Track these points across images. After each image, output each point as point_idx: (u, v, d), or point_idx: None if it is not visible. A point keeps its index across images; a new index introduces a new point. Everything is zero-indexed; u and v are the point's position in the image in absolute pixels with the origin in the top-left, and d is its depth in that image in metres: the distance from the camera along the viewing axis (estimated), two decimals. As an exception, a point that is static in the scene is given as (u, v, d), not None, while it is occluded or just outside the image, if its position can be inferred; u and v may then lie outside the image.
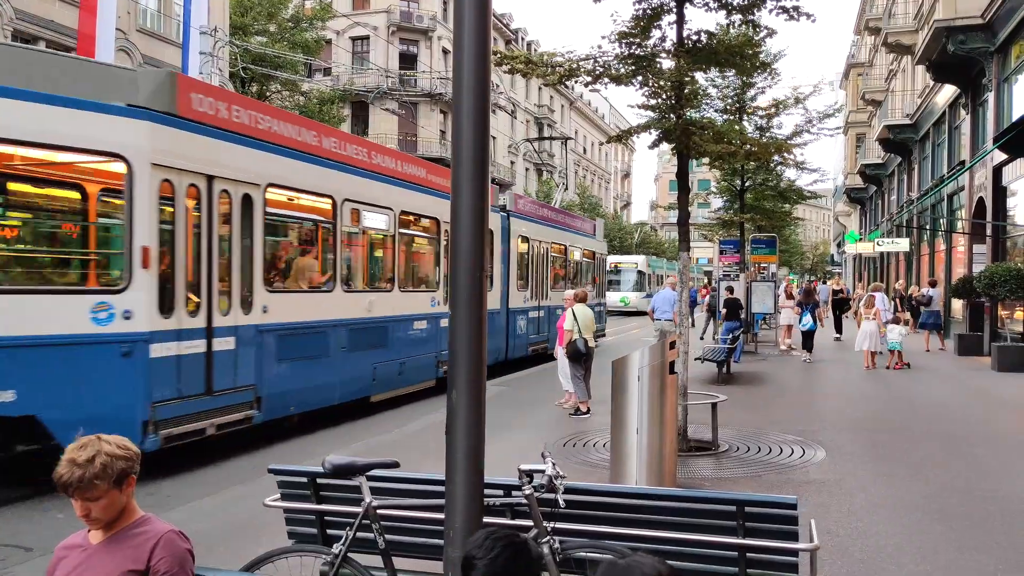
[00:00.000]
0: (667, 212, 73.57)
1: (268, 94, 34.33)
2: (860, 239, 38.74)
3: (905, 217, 29.44)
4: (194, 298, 7.47)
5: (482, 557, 1.77)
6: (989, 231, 18.38)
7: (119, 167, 6.85)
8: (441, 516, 2.72)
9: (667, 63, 7.65)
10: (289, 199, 9.22)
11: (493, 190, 15.94)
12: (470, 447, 2.70)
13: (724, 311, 16.30)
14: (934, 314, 19.06)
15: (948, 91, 22.49)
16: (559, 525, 3.00)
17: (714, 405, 7.98)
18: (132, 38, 22.26)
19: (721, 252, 22.05)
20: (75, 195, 7.45)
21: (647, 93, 7.81)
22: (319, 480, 3.36)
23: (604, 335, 22.87)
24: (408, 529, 3.20)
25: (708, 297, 22.61)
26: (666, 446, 6.17)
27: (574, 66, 7.32)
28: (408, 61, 43.11)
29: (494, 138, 49.34)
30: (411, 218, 11.94)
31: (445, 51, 43.47)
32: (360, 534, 2.99)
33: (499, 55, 7.55)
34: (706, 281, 45.45)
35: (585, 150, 66.97)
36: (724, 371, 13.77)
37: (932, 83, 23.54)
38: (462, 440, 2.70)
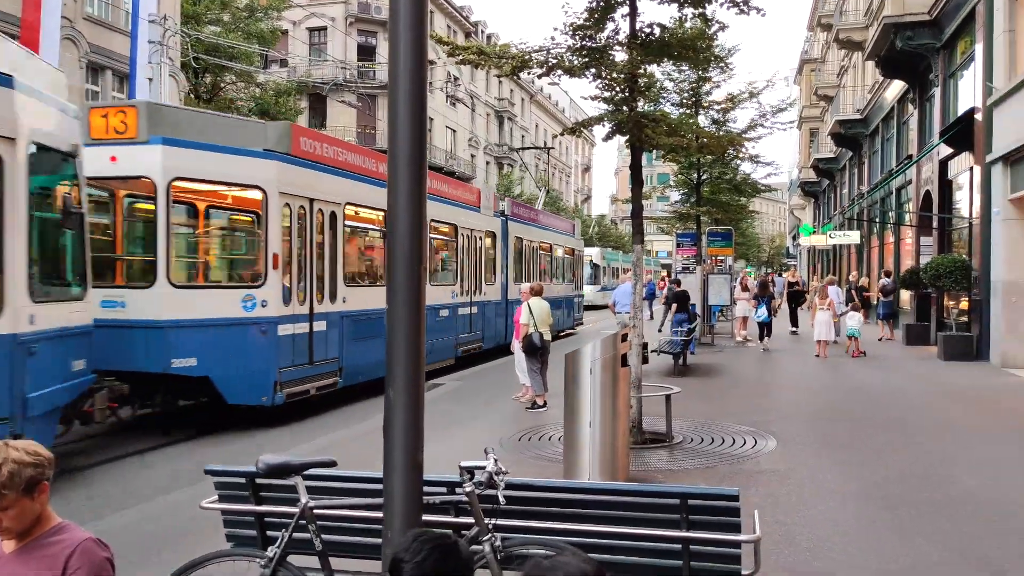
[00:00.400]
0: (626, 205, 74.06)
1: (223, 86, 33.63)
2: (814, 232, 39.51)
3: (856, 210, 30.09)
4: (304, 290, 10.08)
5: (409, 560, 1.71)
6: (935, 223, 18.86)
7: (258, 195, 9.55)
8: (380, 515, 2.66)
9: (620, 56, 7.66)
10: (358, 214, 11.84)
11: (494, 197, 18.78)
12: (408, 444, 2.64)
13: (674, 304, 16.65)
14: (889, 304, 19.64)
15: (897, 87, 23.01)
16: (502, 522, 2.96)
17: (668, 397, 8.02)
18: (79, 26, 21.59)
19: (678, 245, 22.25)
20: (229, 216, 11.03)
21: (600, 86, 7.79)
22: (258, 480, 3.26)
23: (582, 323, 24.86)
24: (347, 529, 3.13)
25: (666, 289, 22.80)
26: (619, 439, 6.18)
27: (526, 57, 7.27)
28: (367, 53, 42.65)
29: (454, 131, 49.13)
30: (438, 225, 14.52)
31: (403, 43, 43.06)
32: (297, 535, 2.91)
33: (451, 46, 7.46)
34: (664, 274, 45.93)
35: (546, 143, 67.11)
36: (680, 363, 13.90)
37: (881, 79, 24.05)
38: (400, 437, 2.64)
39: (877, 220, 25.77)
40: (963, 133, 16.20)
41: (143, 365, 8.56)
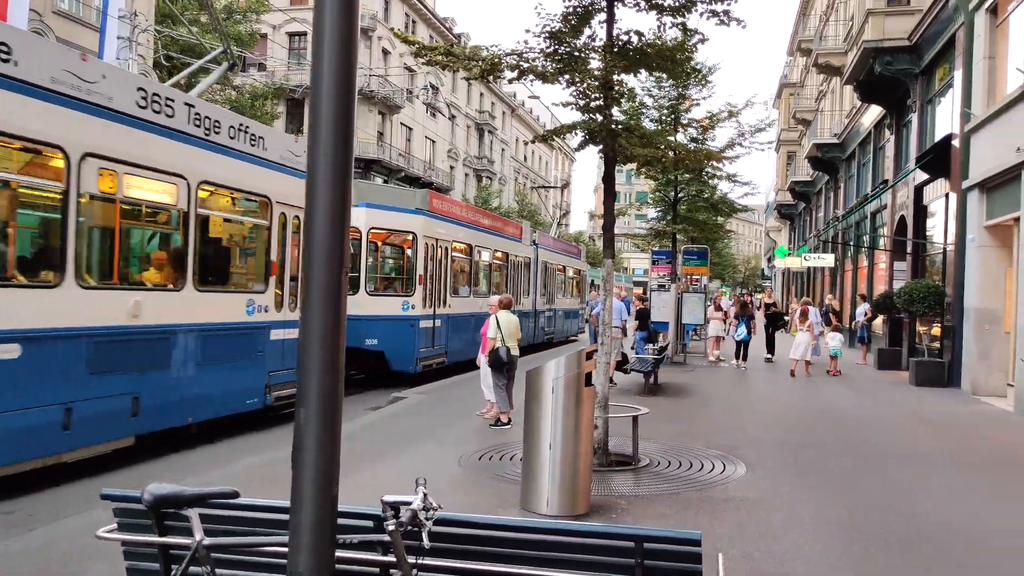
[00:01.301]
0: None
1: (196, 84, 33.01)
2: (789, 254, 39.68)
3: (831, 233, 30.18)
4: (429, 298, 15.26)
5: None
6: (909, 249, 18.84)
7: (411, 237, 15.00)
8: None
9: (596, 63, 7.39)
10: (456, 247, 16.93)
11: (529, 229, 24.08)
12: (321, 473, 2.27)
13: (636, 321, 17.01)
14: (866, 327, 19.80)
15: (874, 112, 23.09)
16: (433, 561, 2.61)
17: (635, 418, 7.72)
18: (48, 20, 21.04)
19: (653, 262, 22.06)
20: (397, 250, 16.04)
21: (575, 93, 7.52)
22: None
23: (583, 331, 29.00)
24: (252, 564, 2.76)
25: (639, 305, 22.55)
26: (580, 462, 5.84)
27: (496, 60, 6.97)
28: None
29: (433, 142, 48.82)
30: (496, 252, 20.04)
31: (385, 51, 42.78)
32: (195, 570, 2.53)
33: (418, 47, 7.15)
34: (638, 292, 45.94)
35: (526, 158, 67.01)
36: (652, 382, 13.63)
37: (859, 104, 24.14)
38: (311, 465, 2.27)
39: (852, 244, 25.80)
40: (939, 159, 16.18)
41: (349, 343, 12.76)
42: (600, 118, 7.20)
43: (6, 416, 6.26)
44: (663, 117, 16.41)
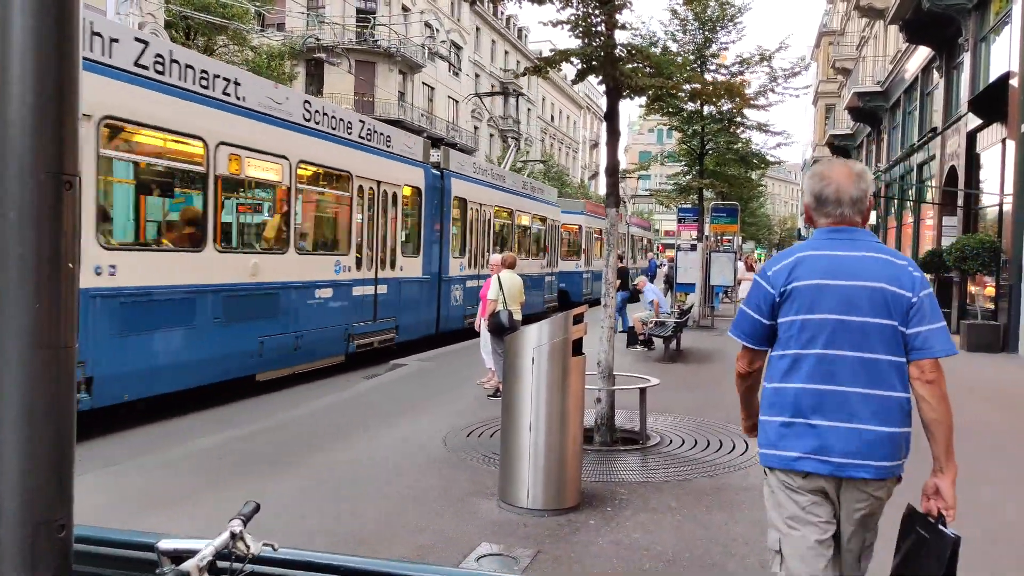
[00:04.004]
0: (637, 183, 72.42)
1: (215, 48, 32.20)
2: (827, 212, 37.92)
3: (873, 189, 28.49)
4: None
5: None
6: (960, 201, 17.36)
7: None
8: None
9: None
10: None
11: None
12: (29, 489, 1.29)
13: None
14: None
15: (921, 55, 21.38)
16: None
17: (642, 391, 6.72)
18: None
19: (679, 220, 20.79)
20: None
21: (571, 17, 6.40)
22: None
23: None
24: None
25: (667, 267, 21.45)
26: (568, 447, 4.89)
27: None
28: (366, 19, 40.96)
29: (456, 102, 47.50)
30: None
31: (405, 8, 41.40)
32: None
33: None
34: (660, 252, 44.82)
35: (553, 118, 65.24)
36: (674, 347, 12.60)
37: (905, 46, 22.41)
38: (12, 477, 1.28)
39: (896, 198, 24.21)
40: (995, 101, 14.66)
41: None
42: (600, 39, 6.09)
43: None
44: (686, 61, 15.09)
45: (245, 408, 8.80)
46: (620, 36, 6.43)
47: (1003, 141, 14.69)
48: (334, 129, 10.85)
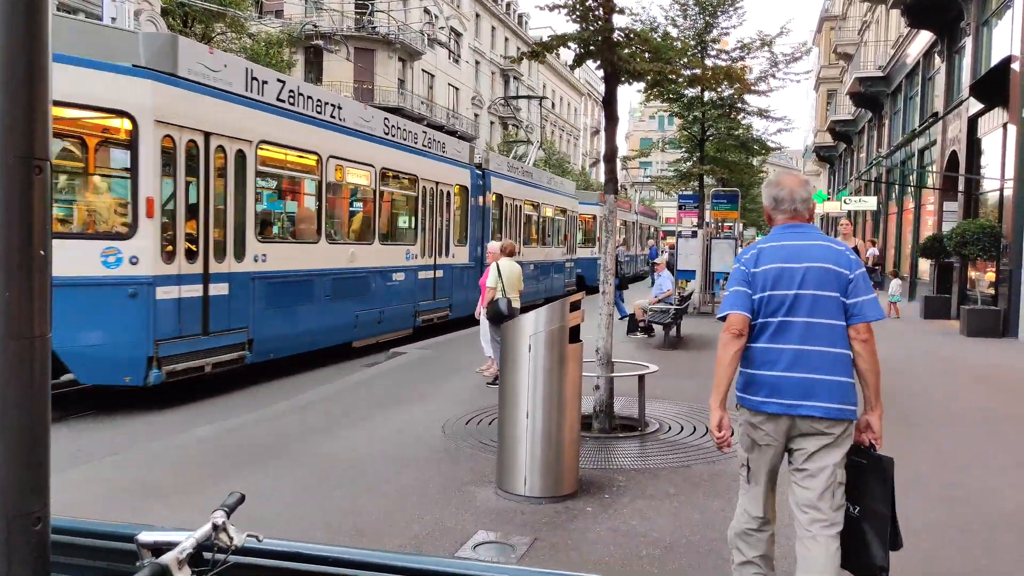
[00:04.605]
0: (638, 170, 72.24)
1: (212, 35, 32.01)
2: (828, 198, 37.79)
3: (873, 174, 28.38)
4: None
5: None
6: (961, 186, 17.29)
7: None
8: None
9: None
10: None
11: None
12: (15, 484, 1.27)
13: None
14: (873, 272, 20.13)
15: (923, 39, 21.23)
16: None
17: (641, 378, 6.71)
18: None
19: (680, 207, 20.72)
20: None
21: (569, 1, 6.33)
22: None
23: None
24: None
25: (667, 254, 21.41)
26: (565, 434, 4.88)
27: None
28: (366, 4, 40.70)
29: (456, 89, 47.29)
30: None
31: (404, -6, 41.12)
32: None
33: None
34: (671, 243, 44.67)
35: (554, 105, 64.97)
36: (673, 334, 12.59)
37: (907, 31, 22.26)
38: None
39: (897, 183, 24.12)
40: (996, 86, 14.57)
41: None
42: (597, 24, 6.03)
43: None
44: (688, 47, 14.98)
45: (243, 397, 8.80)
46: (619, 20, 6.40)
47: (1004, 126, 14.60)
48: (405, 140, 12.91)
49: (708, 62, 15.22)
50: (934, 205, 19.56)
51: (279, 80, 9.67)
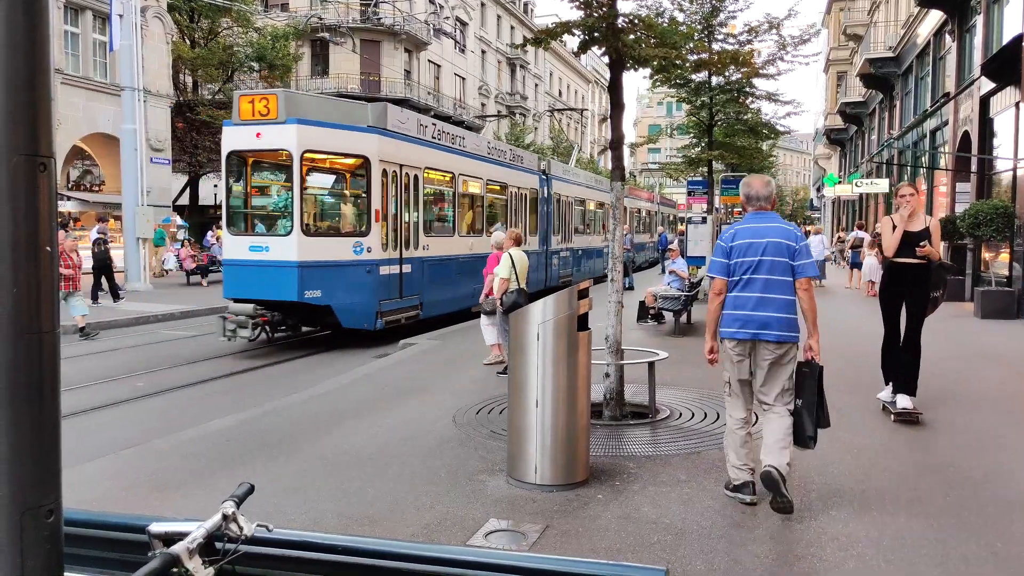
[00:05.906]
0: (646, 156, 71.92)
1: (219, 31, 32.03)
2: (839, 182, 37.51)
3: (885, 156, 28.13)
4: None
5: None
6: (974, 167, 17.12)
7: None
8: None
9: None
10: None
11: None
12: (25, 473, 1.28)
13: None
14: (855, 254, 21.06)
15: (933, 18, 20.98)
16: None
17: (651, 364, 6.71)
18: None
19: (689, 193, 20.62)
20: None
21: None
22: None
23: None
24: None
25: (677, 240, 21.34)
26: (577, 422, 4.89)
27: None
28: (370, -4, 40.54)
29: (463, 79, 47.15)
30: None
31: (408, -16, 40.94)
32: None
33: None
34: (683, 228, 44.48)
35: (561, 92, 64.71)
36: (684, 321, 12.56)
37: (917, 10, 21.99)
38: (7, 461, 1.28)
39: (909, 165, 23.89)
40: (1008, 64, 14.40)
41: None
42: (602, 11, 5.99)
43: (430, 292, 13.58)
44: (694, 32, 14.86)
45: (255, 387, 8.87)
46: (624, 6, 6.35)
47: (1017, 105, 14.44)
48: (500, 156, 17.13)
49: (715, 46, 15.10)
50: (947, 186, 19.39)
51: (433, 123, 14.02)
